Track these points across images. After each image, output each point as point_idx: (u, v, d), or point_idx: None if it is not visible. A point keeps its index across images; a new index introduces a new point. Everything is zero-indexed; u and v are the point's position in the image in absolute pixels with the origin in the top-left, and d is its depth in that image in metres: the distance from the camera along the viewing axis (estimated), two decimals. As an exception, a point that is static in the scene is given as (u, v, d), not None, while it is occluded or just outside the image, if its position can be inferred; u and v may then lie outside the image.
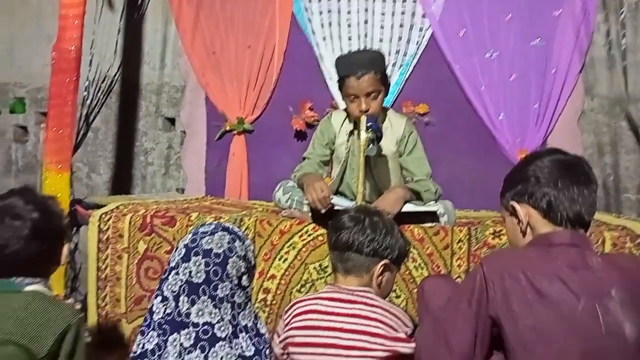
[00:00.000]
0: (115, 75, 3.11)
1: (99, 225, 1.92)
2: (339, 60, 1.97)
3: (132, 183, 3.18)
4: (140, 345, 1.15)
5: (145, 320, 1.18)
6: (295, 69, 2.90)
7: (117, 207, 1.99)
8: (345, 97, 1.92)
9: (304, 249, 1.82)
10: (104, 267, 1.93)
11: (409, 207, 1.77)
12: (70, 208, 2.01)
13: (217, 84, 2.96)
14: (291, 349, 1.27)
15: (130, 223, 1.91)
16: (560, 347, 1.02)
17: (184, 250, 1.19)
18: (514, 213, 1.17)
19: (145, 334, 1.15)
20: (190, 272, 1.16)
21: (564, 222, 1.12)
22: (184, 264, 1.17)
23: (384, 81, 1.90)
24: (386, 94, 1.96)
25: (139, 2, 2.90)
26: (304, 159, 2.07)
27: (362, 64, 1.85)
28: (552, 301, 1.03)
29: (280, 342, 1.30)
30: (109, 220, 1.93)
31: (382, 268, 1.32)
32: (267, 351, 1.20)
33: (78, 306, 1.35)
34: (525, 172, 1.16)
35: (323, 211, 1.72)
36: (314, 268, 1.81)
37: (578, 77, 2.71)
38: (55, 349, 1.12)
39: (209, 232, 1.20)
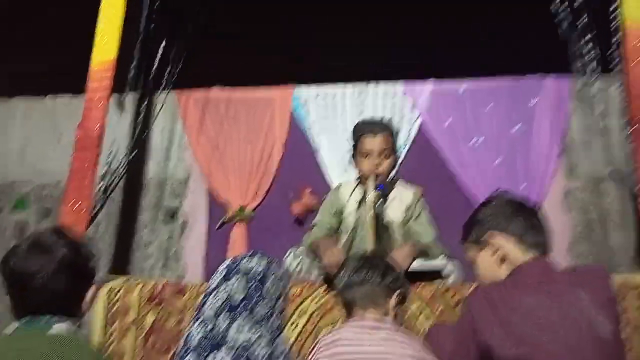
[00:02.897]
0: (122, 172, 3.21)
1: (107, 299, 1.91)
2: (355, 125, 2.14)
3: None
4: None
5: (182, 346, 1.17)
6: (294, 159, 3.08)
7: (127, 280, 1.99)
8: (358, 157, 2.05)
9: (315, 313, 1.81)
10: (109, 343, 1.88)
11: (417, 264, 1.82)
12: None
13: (220, 176, 3.10)
14: None
15: (139, 295, 1.90)
16: (546, 352, 1.12)
17: (224, 272, 1.22)
18: (487, 245, 1.32)
19: (185, 357, 1.14)
20: (230, 290, 1.18)
21: (533, 246, 1.29)
22: (225, 283, 1.20)
23: (395, 149, 2.06)
24: (395, 163, 2.11)
25: (152, 104, 3.12)
26: (312, 227, 2.14)
27: (378, 126, 2.05)
28: (529, 313, 1.16)
29: None
30: (118, 292, 1.92)
31: (397, 300, 1.39)
32: None
33: None
34: (489, 210, 1.37)
35: None
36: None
37: (559, 159, 2.91)
38: None
39: (249, 255, 1.26)
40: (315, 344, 1.38)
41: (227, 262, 1.27)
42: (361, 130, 2.07)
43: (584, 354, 1.12)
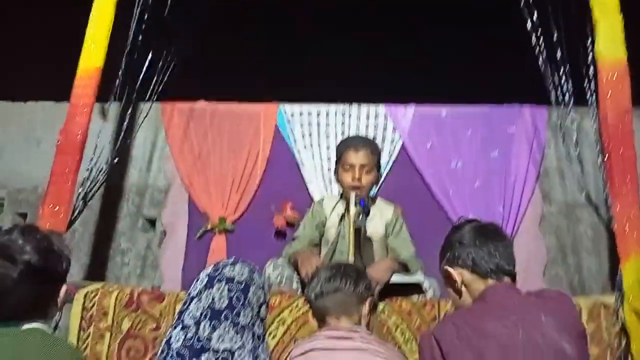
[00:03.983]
0: (102, 179, 3.17)
1: (83, 303, 1.88)
2: (341, 141, 2.19)
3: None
4: None
5: (162, 352, 1.16)
6: (277, 173, 3.10)
7: (103, 286, 1.97)
8: (340, 170, 2.09)
9: (293, 324, 1.82)
10: (84, 347, 1.85)
11: (396, 278, 1.85)
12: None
13: (202, 186, 3.10)
14: None
15: (116, 300, 1.88)
16: None
17: (206, 279, 1.22)
18: (449, 277, 1.41)
19: None
20: (213, 298, 1.18)
21: (488, 273, 1.35)
22: (206, 291, 1.20)
23: (377, 165, 2.11)
24: (377, 180, 2.14)
25: (135, 114, 3.12)
26: (294, 239, 2.16)
27: (361, 141, 2.11)
28: (496, 338, 1.21)
29: None
30: (94, 297, 1.90)
31: (369, 307, 1.42)
32: None
33: None
34: (450, 241, 1.44)
35: None
36: (304, 344, 1.80)
37: (535, 184, 2.99)
38: None
39: (230, 263, 1.26)
40: (289, 353, 1.38)
41: (209, 269, 1.27)
42: (345, 145, 2.12)
43: None
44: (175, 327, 1.19)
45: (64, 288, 1.27)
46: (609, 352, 1.67)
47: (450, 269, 1.40)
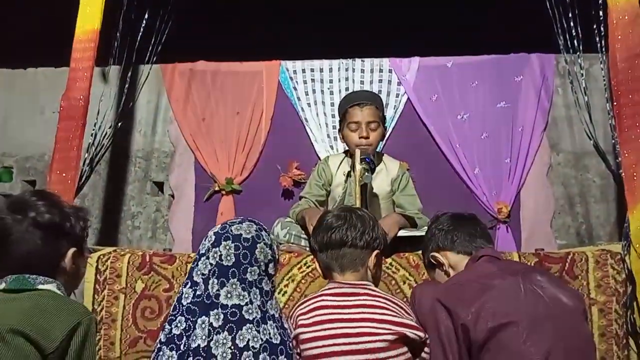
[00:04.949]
0: (107, 144, 3.19)
1: (96, 267, 1.92)
2: (343, 98, 2.15)
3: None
4: (167, 332, 1.15)
5: (174, 309, 1.19)
6: (282, 133, 3.08)
7: (115, 250, 2.00)
8: (346, 128, 2.07)
9: (303, 281, 1.85)
10: (99, 309, 1.90)
11: (404, 232, 1.86)
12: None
13: (207, 148, 3.09)
14: (302, 346, 1.29)
15: (129, 262, 1.92)
16: (522, 323, 1.21)
17: (214, 237, 1.24)
18: (436, 263, 1.49)
19: (174, 321, 1.17)
20: (220, 255, 1.21)
21: (472, 251, 1.44)
22: (214, 249, 1.22)
23: (383, 120, 2.08)
24: (382, 135, 2.13)
25: (136, 77, 3.10)
26: (300, 198, 2.17)
27: (366, 97, 2.07)
28: (501, 292, 1.27)
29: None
30: (107, 260, 1.93)
31: (375, 259, 1.40)
32: (291, 344, 1.22)
33: None
34: (431, 232, 1.55)
35: None
36: (314, 300, 1.83)
37: (543, 134, 2.96)
38: (65, 346, 1.10)
39: (238, 222, 1.27)
40: (296, 308, 1.40)
41: (217, 228, 1.29)
42: (349, 102, 2.09)
43: (554, 322, 1.21)
44: (185, 285, 1.22)
45: (71, 251, 1.27)
46: (615, 299, 1.69)
47: (436, 254, 1.48)
